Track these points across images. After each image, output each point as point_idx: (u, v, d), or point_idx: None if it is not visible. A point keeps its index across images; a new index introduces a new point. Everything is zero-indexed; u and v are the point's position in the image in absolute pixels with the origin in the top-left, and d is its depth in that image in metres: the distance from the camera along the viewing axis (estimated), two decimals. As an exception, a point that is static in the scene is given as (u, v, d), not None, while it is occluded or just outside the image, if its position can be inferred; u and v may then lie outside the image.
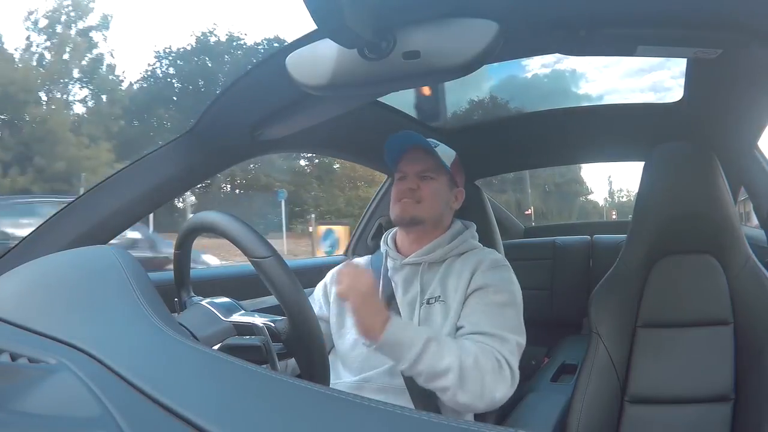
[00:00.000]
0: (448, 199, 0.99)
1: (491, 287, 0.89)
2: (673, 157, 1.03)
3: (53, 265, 0.63)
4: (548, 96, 2.22)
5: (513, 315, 0.89)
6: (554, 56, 0.82)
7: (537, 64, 1.98)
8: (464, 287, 0.90)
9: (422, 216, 0.94)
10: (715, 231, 1.00)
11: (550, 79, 2.43)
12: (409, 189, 0.95)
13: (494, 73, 1.65)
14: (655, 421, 0.96)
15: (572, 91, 2.30)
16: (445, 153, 0.99)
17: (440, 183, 0.97)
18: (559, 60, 4.51)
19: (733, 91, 0.99)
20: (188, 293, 0.73)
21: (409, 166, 0.96)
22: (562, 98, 2.29)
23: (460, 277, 0.92)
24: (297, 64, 0.61)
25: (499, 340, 0.83)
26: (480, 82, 1.61)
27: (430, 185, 0.95)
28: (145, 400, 0.35)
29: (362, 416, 0.32)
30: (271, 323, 0.61)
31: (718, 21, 0.64)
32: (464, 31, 0.54)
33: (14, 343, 0.46)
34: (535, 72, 2.19)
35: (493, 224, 1.59)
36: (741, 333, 0.96)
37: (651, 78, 1.07)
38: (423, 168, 0.96)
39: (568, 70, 2.42)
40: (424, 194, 0.95)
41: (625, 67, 1.41)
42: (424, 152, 0.96)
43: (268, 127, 0.94)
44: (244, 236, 0.59)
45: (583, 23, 0.66)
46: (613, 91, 4.58)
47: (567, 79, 2.41)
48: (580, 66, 2.58)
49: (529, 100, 1.37)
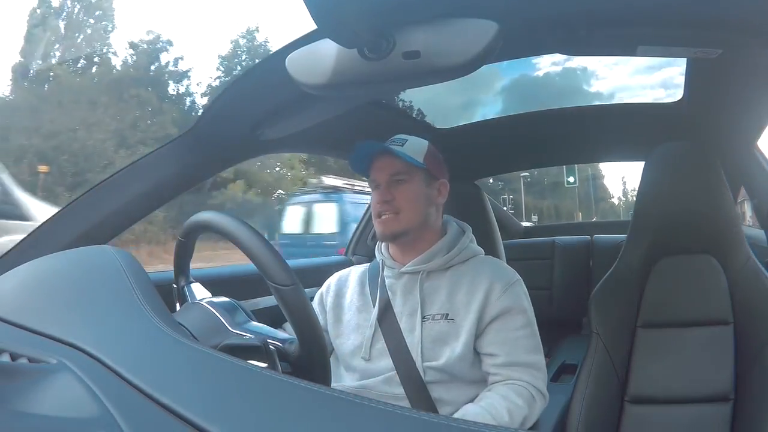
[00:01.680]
0: (428, 196, 0.94)
1: (512, 310, 0.88)
2: (673, 157, 1.03)
3: (53, 265, 0.63)
4: (561, 95, 2.24)
5: (536, 332, 0.90)
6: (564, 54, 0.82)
7: (548, 62, 1.99)
8: (477, 308, 0.87)
9: (404, 228, 0.91)
10: (715, 231, 1.00)
11: (562, 77, 2.45)
12: (384, 201, 0.91)
13: (506, 73, 1.66)
14: (655, 421, 0.96)
15: (584, 89, 2.32)
16: (416, 147, 0.94)
17: (415, 183, 0.92)
18: (569, 58, 4.50)
19: (733, 91, 0.99)
20: (186, 280, 0.72)
21: (379, 174, 0.92)
22: (574, 96, 2.30)
23: (472, 296, 0.89)
24: (297, 64, 0.61)
25: (532, 370, 0.86)
26: (492, 81, 1.62)
27: (405, 190, 0.91)
28: (145, 400, 0.35)
29: (362, 416, 0.32)
30: (280, 343, 0.61)
31: (718, 21, 0.64)
32: (464, 31, 0.54)
33: (14, 343, 0.46)
34: (547, 70, 2.21)
35: (493, 224, 1.59)
36: (741, 333, 0.96)
37: (661, 75, 1.07)
38: (392, 171, 0.91)
39: (580, 68, 2.43)
40: (399, 203, 0.90)
41: (635, 65, 1.41)
42: (389, 156, 0.92)
43: (268, 126, 0.93)
44: (265, 258, 0.58)
45: (583, 23, 0.66)
46: (624, 89, 4.59)
47: (579, 77, 2.43)
48: (591, 64, 2.55)
49: (541, 99, 1.37)
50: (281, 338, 0.62)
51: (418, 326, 0.89)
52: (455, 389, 0.87)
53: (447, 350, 0.87)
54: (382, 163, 0.92)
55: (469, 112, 5.95)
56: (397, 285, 0.95)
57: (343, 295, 1.00)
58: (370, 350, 0.90)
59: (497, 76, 3.32)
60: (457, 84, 1.32)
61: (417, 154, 0.92)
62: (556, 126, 1.42)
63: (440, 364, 0.86)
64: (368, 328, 0.92)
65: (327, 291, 1.03)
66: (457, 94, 1.67)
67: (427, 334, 0.88)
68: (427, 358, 0.87)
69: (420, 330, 0.88)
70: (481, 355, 0.88)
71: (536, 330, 0.91)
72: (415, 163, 0.91)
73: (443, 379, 0.87)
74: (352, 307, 0.97)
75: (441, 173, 0.97)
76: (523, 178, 17.93)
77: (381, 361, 0.89)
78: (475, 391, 0.88)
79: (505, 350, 0.86)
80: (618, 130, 1.41)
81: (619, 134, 1.45)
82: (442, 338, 0.88)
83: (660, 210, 1.02)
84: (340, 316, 0.98)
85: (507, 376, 0.85)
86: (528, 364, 0.86)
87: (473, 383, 0.88)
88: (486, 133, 1.49)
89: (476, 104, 4.13)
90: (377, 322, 0.92)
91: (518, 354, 0.86)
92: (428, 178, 0.94)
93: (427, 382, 0.86)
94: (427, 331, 0.89)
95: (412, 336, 0.89)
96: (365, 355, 0.90)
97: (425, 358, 0.87)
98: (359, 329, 0.94)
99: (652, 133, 1.24)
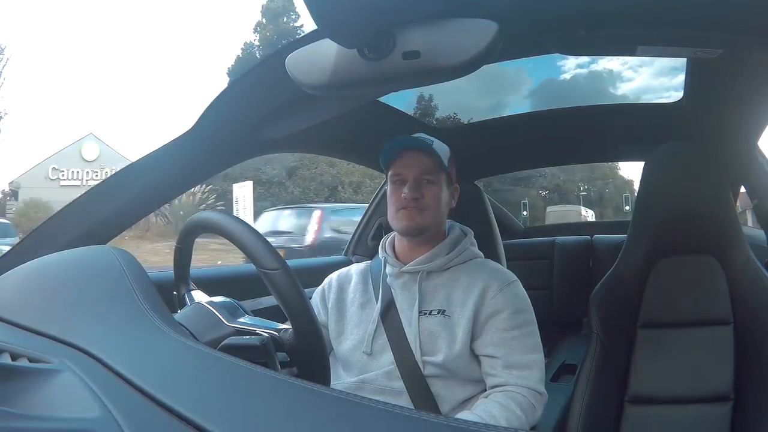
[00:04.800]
0: (448, 200, 0.97)
1: (508, 309, 0.89)
2: (673, 157, 1.03)
3: (53, 265, 0.63)
4: (588, 97, 2.24)
5: (534, 331, 0.90)
6: (588, 57, 0.82)
7: (573, 64, 2.00)
8: (473, 306, 0.89)
9: (428, 224, 0.93)
10: (715, 231, 1.00)
11: (588, 79, 2.47)
12: (413, 198, 0.91)
13: (532, 73, 1.67)
14: (655, 421, 0.96)
15: (610, 92, 2.34)
16: (441, 150, 0.95)
17: (440, 185, 0.94)
18: (594, 60, 4.52)
19: (733, 91, 0.99)
20: (187, 287, 0.72)
21: (408, 169, 0.93)
22: (601, 99, 2.32)
23: (468, 294, 0.90)
24: (297, 64, 0.61)
25: (530, 371, 0.87)
26: (519, 84, 1.63)
27: (433, 190, 0.92)
28: (145, 400, 0.35)
29: (362, 416, 0.32)
30: (276, 332, 0.61)
31: (718, 21, 0.64)
32: (464, 31, 0.54)
33: (14, 343, 0.46)
34: (573, 73, 2.23)
35: (493, 224, 1.59)
36: (741, 333, 0.96)
37: (683, 77, 1.06)
38: (422, 170, 0.92)
39: (605, 71, 2.45)
40: (428, 201, 0.92)
41: (659, 66, 1.43)
42: (423, 153, 0.93)
43: (268, 126, 0.94)
44: (253, 245, 0.58)
45: (583, 23, 0.66)
46: (648, 90, 4.58)
47: (605, 79, 2.44)
48: (616, 66, 2.53)
49: (569, 102, 1.38)
50: (276, 327, 0.62)
51: (415, 321, 0.90)
52: (453, 386, 0.88)
53: (444, 346, 0.88)
54: (412, 160, 0.93)
55: (497, 115, 6.05)
56: (396, 282, 0.96)
57: (345, 291, 1.01)
58: (371, 345, 0.91)
59: (525, 79, 3.39)
60: (486, 86, 1.34)
61: (443, 156, 0.95)
62: (557, 126, 1.42)
63: (438, 361, 0.87)
64: (371, 324, 0.93)
65: (329, 287, 1.03)
66: (485, 96, 1.69)
67: (423, 328, 0.90)
68: (426, 352, 0.88)
69: (417, 324, 0.90)
70: (479, 356, 0.89)
71: (535, 329, 0.91)
72: (444, 166, 0.94)
73: (441, 374, 0.88)
74: (354, 303, 0.98)
75: (455, 178, 1.00)
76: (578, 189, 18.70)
77: (382, 356, 0.90)
78: (473, 389, 0.89)
79: (502, 351, 0.87)
80: (618, 130, 1.41)
81: (619, 134, 1.45)
82: (439, 333, 0.89)
83: (660, 210, 1.02)
84: (343, 312, 0.98)
85: (505, 381, 0.85)
86: (526, 364, 0.87)
87: (471, 381, 0.89)
88: (486, 133, 1.50)
89: (504, 106, 4.08)
90: (380, 318, 0.93)
91: (516, 354, 0.87)
92: (449, 182, 0.97)
93: (425, 376, 0.87)
94: (424, 325, 0.90)
95: (409, 330, 0.90)
96: (367, 349, 0.91)
97: (423, 352, 0.88)
98: (361, 324, 0.95)
99: (653, 133, 1.24)
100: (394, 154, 0.95)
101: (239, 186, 11.51)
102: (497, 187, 16.89)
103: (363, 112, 1.11)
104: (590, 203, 19.82)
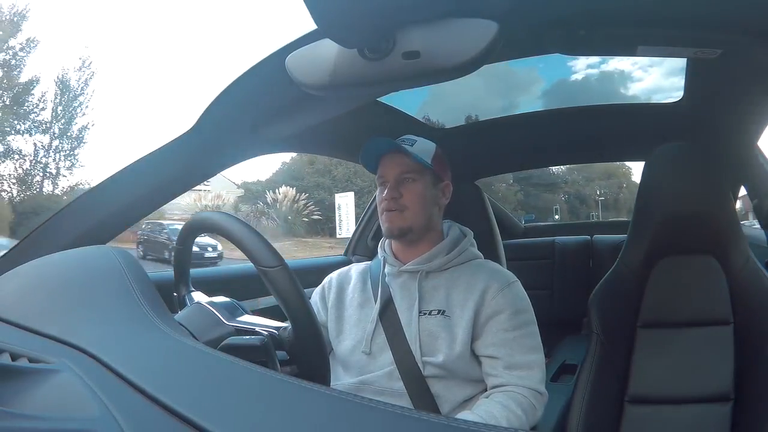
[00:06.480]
0: (434, 197, 0.96)
1: (509, 310, 0.89)
2: (673, 157, 1.02)
3: (53, 265, 0.63)
4: (599, 97, 2.22)
5: (534, 331, 0.91)
6: (598, 57, 0.83)
7: (583, 64, 2.00)
8: (473, 307, 0.89)
9: (409, 225, 0.93)
10: (715, 231, 1.00)
11: (599, 80, 2.46)
12: (392, 198, 0.92)
13: (543, 73, 1.66)
14: (655, 421, 0.96)
15: (621, 92, 2.32)
16: (424, 148, 0.96)
17: (423, 183, 0.94)
18: (605, 60, 4.47)
19: (733, 91, 0.99)
20: (187, 289, 0.72)
21: (388, 171, 0.94)
22: (612, 99, 2.34)
23: (468, 294, 0.90)
24: (297, 64, 0.61)
25: (530, 371, 0.87)
26: (530, 84, 1.63)
27: (413, 188, 0.93)
28: (145, 400, 0.35)
29: (362, 416, 0.32)
30: (275, 330, 0.61)
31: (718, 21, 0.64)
32: (464, 31, 0.54)
33: (14, 343, 0.46)
34: (584, 73, 2.22)
35: (493, 224, 1.59)
36: (741, 333, 0.96)
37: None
38: (402, 170, 0.93)
39: (617, 71, 2.43)
40: (407, 200, 0.92)
41: (669, 66, 1.43)
42: (400, 154, 0.94)
43: (268, 126, 0.94)
44: (252, 244, 0.58)
45: (583, 23, 0.66)
46: (658, 90, 4.56)
47: (616, 80, 2.42)
48: (627, 66, 2.52)
49: (581, 103, 1.37)
50: (275, 326, 0.62)
51: (414, 321, 0.90)
52: (453, 386, 0.88)
53: (444, 346, 0.88)
54: (392, 161, 0.94)
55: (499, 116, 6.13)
56: (395, 282, 0.96)
57: (344, 290, 1.01)
58: (370, 344, 0.91)
59: (537, 80, 3.39)
60: (499, 87, 1.33)
61: (426, 154, 0.95)
62: (557, 126, 1.42)
63: (439, 361, 0.87)
64: (369, 323, 0.93)
65: (329, 286, 1.03)
66: (498, 97, 1.70)
67: (423, 328, 0.90)
68: (426, 352, 0.88)
69: (417, 324, 0.90)
70: (480, 357, 0.89)
71: (535, 330, 0.91)
72: (425, 164, 0.94)
73: (441, 375, 0.88)
74: (353, 303, 0.98)
75: (446, 175, 0.99)
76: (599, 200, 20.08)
77: (381, 356, 0.90)
78: (473, 389, 0.89)
79: (502, 352, 0.87)
80: (618, 130, 1.41)
81: (619, 134, 1.45)
82: (438, 333, 0.89)
83: (660, 210, 1.02)
84: (342, 312, 0.98)
85: (506, 381, 0.85)
86: (526, 364, 0.87)
87: (471, 382, 0.89)
88: (486, 133, 1.49)
89: (516, 107, 4.13)
90: (378, 317, 0.93)
91: (516, 355, 0.87)
92: (434, 179, 0.97)
93: (425, 377, 0.87)
94: (424, 325, 0.90)
95: (408, 329, 0.90)
96: (366, 349, 0.91)
97: (423, 353, 0.88)
98: (360, 324, 0.95)
99: (652, 133, 1.24)
100: (377, 159, 0.96)
101: (341, 196, 13.47)
102: (530, 191, 17.48)
103: (363, 112, 1.11)
104: (607, 207, 20.59)
